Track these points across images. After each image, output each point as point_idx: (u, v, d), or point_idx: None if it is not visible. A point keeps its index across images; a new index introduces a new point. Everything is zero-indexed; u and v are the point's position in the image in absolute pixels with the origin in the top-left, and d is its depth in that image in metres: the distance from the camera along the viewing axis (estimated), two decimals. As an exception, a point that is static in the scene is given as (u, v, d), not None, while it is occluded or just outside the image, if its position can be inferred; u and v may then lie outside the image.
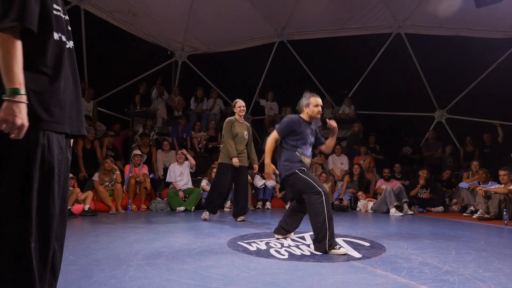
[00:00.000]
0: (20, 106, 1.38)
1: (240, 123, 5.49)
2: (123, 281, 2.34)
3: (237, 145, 5.36)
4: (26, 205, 1.45)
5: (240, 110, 5.49)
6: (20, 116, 1.38)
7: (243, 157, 5.40)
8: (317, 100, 3.70)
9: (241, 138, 5.40)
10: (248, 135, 5.55)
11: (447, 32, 9.48)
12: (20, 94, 1.39)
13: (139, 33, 9.88)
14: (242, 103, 5.56)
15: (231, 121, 5.45)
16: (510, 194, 6.03)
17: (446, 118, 10.11)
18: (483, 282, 2.37)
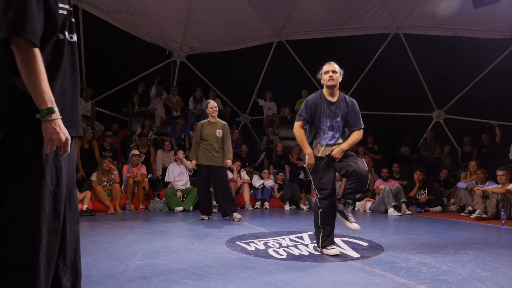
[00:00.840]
0: (58, 123, 1.41)
1: (212, 123, 5.58)
2: (121, 281, 2.34)
3: (209, 146, 5.46)
4: (37, 209, 1.45)
5: (212, 111, 5.59)
6: (62, 132, 1.42)
7: (217, 157, 5.47)
8: (327, 66, 3.30)
9: (213, 138, 5.48)
10: (223, 133, 5.59)
11: (445, 32, 9.51)
12: (54, 112, 1.40)
13: (137, 33, 9.87)
14: (214, 104, 5.68)
15: (202, 124, 5.63)
16: (508, 194, 6.05)
17: (444, 118, 10.14)
18: (481, 282, 2.37)
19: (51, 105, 1.39)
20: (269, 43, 10.63)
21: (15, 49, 1.36)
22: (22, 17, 1.34)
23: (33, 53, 1.36)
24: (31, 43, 1.37)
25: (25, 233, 1.43)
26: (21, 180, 1.45)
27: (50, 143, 1.40)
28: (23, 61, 1.35)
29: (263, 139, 10.03)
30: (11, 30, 1.34)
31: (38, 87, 1.36)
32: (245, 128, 11.13)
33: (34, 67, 1.36)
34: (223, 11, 9.36)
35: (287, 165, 8.69)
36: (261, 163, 9.05)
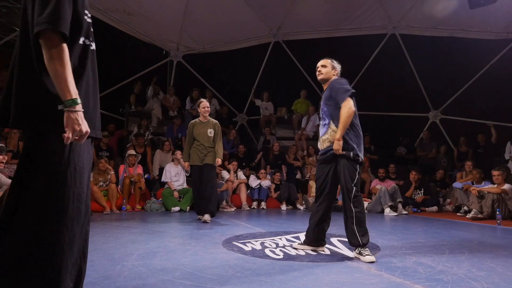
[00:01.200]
0: (81, 115, 1.46)
1: (203, 123, 5.54)
2: (117, 281, 2.33)
3: (200, 145, 5.42)
4: (62, 208, 1.50)
5: (204, 111, 5.54)
6: (83, 124, 1.46)
7: (207, 156, 5.40)
8: (319, 62, 3.39)
9: (204, 137, 5.44)
10: (214, 132, 5.53)
11: (441, 33, 9.55)
12: (78, 104, 1.45)
13: (134, 33, 9.85)
14: (207, 103, 5.63)
15: (192, 123, 5.59)
16: (503, 194, 6.09)
17: (440, 118, 10.18)
18: (476, 282, 2.38)
19: (75, 96, 1.44)
20: (266, 43, 10.63)
21: (45, 42, 1.41)
22: (58, 13, 1.43)
23: (63, 46, 1.43)
24: (62, 37, 1.43)
25: (51, 233, 1.48)
26: (45, 180, 1.49)
27: (71, 133, 1.43)
28: (52, 54, 1.41)
29: (260, 139, 10.03)
30: (48, 24, 1.40)
31: (64, 78, 1.41)
32: (242, 128, 11.13)
33: (62, 59, 1.42)
34: (220, 11, 9.35)
35: (284, 165, 8.70)
36: (258, 163, 9.05)
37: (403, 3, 9.13)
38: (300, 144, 9.53)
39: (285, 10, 9.60)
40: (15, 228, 1.45)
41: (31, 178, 1.49)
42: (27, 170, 1.50)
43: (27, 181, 1.49)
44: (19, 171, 1.53)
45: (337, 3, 9.21)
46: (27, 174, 1.50)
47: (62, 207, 1.50)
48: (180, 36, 10.27)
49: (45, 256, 1.46)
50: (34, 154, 1.51)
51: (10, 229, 1.45)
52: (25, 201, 1.47)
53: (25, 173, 1.50)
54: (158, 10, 9.29)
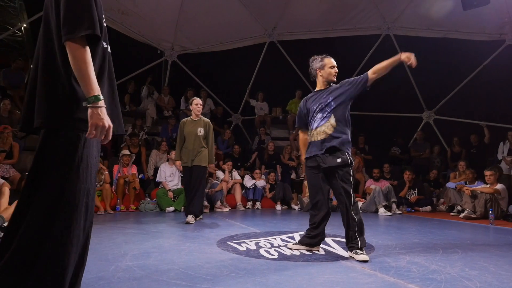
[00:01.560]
0: (104, 111, 1.54)
1: (194, 121, 5.37)
2: (112, 282, 2.32)
3: (190, 145, 5.27)
4: (74, 203, 1.57)
5: (197, 109, 5.38)
6: (106, 119, 1.54)
7: (198, 156, 5.23)
8: (332, 61, 3.39)
9: (193, 136, 5.27)
10: (205, 131, 5.36)
11: (435, 34, 9.61)
12: (101, 100, 1.53)
13: (128, 32, 9.80)
14: (200, 101, 5.46)
15: (183, 122, 5.43)
16: (496, 193, 6.14)
17: (434, 119, 10.25)
18: (469, 281, 2.40)
19: (98, 93, 1.52)
20: (261, 43, 10.63)
21: (73, 45, 1.50)
22: (93, 17, 1.56)
23: (87, 48, 1.54)
24: (87, 40, 1.54)
25: (62, 227, 1.54)
26: (61, 175, 1.55)
27: (94, 128, 1.51)
28: (78, 55, 1.50)
29: (255, 139, 10.04)
30: (87, 29, 1.52)
31: (88, 76, 1.50)
32: (237, 128, 11.13)
33: (87, 59, 1.51)
34: (215, 11, 9.34)
35: (278, 165, 8.70)
36: (253, 163, 9.05)
37: (398, 4, 9.19)
38: (295, 144, 9.54)
39: (280, 10, 9.62)
40: (29, 221, 1.51)
41: (47, 173, 1.55)
42: (43, 166, 1.56)
43: (42, 177, 1.55)
44: (35, 167, 1.57)
45: (332, 4, 9.25)
46: (43, 169, 1.56)
47: (74, 202, 1.56)
48: (175, 35, 10.25)
49: (55, 249, 1.53)
50: (51, 150, 1.57)
51: (25, 222, 1.51)
52: (40, 195, 1.53)
53: (41, 168, 1.56)
54: (153, 10, 9.26)
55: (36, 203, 1.53)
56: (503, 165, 7.61)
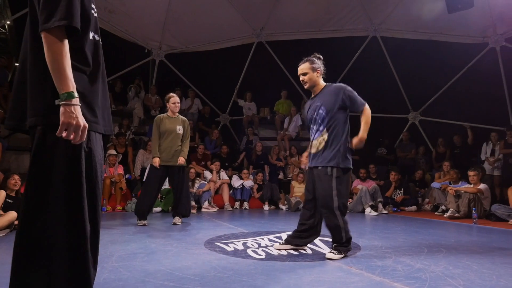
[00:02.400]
0: (77, 109, 1.43)
1: (172, 119, 5.18)
2: (97, 283, 2.29)
3: (168, 143, 5.05)
4: (81, 203, 1.50)
5: (174, 107, 5.18)
6: (80, 118, 1.43)
7: (176, 156, 5.06)
8: (299, 69, 3.34)
9: (172, 134, 5.08)
10: (183, 130, 5.20)
11: (421, 36, 9.75)
12: (75, 97, 1.42)
13: (115, 31, 9.69)
14: (177, 98, 5.26)
15: (160, 118, 5.18)
16: (479, 193, 6.27)
17: (419, 120, 10.40)
18: (453, 279, 2.45)
19: (72, 89, 1.42)
20: (249, 43, 10.63)
21: (47, 35, 1.40)
22: (69, 7, 1.43)
23: (65, 41, 1.43)
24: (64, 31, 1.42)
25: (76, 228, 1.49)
26: (61, 175, 1.47)
27: (66, 127, 1.40)
28: (53, 47, 1.40)
29: (243, 139, 10.03)
30: (61, 20, 1.40)
31: (63, 71, 1.40)
32: (225, 128, 11.11)
33: (63, 52, 1.41)
34: (203, 10, 9.30)
35: (266, 166, 8.72)
36: (241, 163, 9.05)
37: (384, 6, 9.29)
38: (283, 144, 9.58)
39: (269, 11, 9.63)
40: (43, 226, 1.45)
41: (51, 175, 1.47)
42: (45, 167, 1.47)
43: (47, 179, 1.47)
44: (36, 169, 1.48)
45: (319, 5, 9.30)
46: (46, 170, 1.47)
47: (82, 202, 1.50)
48: (162, 35, 10.17)
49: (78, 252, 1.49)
50: (51, 149, 1.48)
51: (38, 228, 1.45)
52: (50, 199, 1.46)
53: (43, 170, 1.47)
54: (140, 8, 9.17)
55: (47, 205, 1.46)
56: (486, 165, 7.76)
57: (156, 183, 5.08)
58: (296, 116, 9.98)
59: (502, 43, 9.15)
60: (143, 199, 5.03)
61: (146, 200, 5.01)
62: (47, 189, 1.47)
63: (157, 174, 5.03)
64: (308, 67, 3.27)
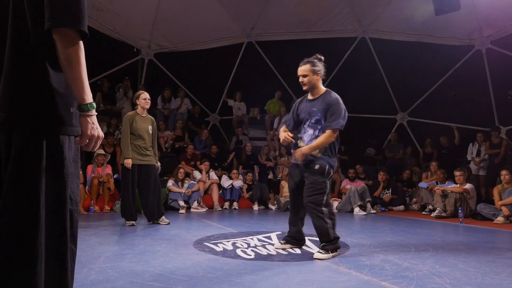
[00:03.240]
0: (95, 119, 1.40)
1: (142, 117, 5.06)
2: (84, 285, 2.27)
3: (141, 142, 4.95)
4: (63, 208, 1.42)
5: (145, 103, 5.05)
6: (99, 129, 1.42)
7: (149, 155, 5.01)
8: (298, 70, 3.34)
9: (145, 134, 4.98)
10: (153, 130, 5.12)
11: (409, 38, 9.86)
12: (95, 108, 1.39)
13: (103, 29, 9.57)
14: (147, 95, 5.11)
15: (132, 116, 5.00)
16: (465, 193, 6.37)
17: (407, 120, 10.52)
18: (440, 277, 2.48)
19: (92, 100, 1.37)
20: (239, 43, 10.62)
21: (62, 40, 1.28)
22: (80, 9, 1.31)
23: (81, 45, 1.32)
24: (80, 35, 1.32)
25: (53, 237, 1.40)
26: (46, 183, 1.37)
27: (88, 139, 1.38)
28: (71, 53, 1.30)
29: (232, 139, 10.01)
30: (74, 23, 1.29)
31: (83, 80, 1.33)
32: (214, 128, 11.07)
33: (81, 60, 1.31)
34: (193, 10, 9.25)
35: (256, 165, 8.72)
36: (230, 163, 9.03)
37: (373, 8, 9.37)
38: (273, 144, 9.59)
39: (258, 11, 9.63)
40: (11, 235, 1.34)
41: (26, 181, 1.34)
42: (18, 172, 1.33)
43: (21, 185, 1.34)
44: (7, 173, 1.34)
45: (309, 6, 9.33)
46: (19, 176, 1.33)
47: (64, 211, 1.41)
48: (151, 34, 10.08)
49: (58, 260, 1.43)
50: (25, 153, 1.33)
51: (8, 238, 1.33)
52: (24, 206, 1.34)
53: (16, 175, 1.33)
54: (129, 7, 9.08)
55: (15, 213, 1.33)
56: (472, 165, 7.90)
57: (134, 183, 4.99)
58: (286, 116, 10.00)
59: (488, 45, 9.32)
60: (127, 201, 4.94)
61: (129, 201, 4.93)
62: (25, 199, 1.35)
63: (132, 174, 4.92)
64: (309, 69, 3.25)
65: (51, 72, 1.35)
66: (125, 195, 5.00)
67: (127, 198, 4.94)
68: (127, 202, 4.94)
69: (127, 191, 4.96)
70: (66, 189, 1.42)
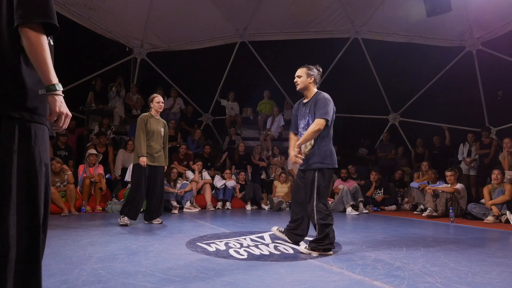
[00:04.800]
0: (62, 99, 1.53)
1: (156, 119, 5.16)
2: (76, 286, 2.25)
3: (154, 143, 5.05)
4: (36, 200, 1.47)
5: (158, 107, 5.14)
6: (67, 108, 1.54)
7: (160, 156, 5.12)
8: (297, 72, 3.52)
9: (157, 136, 5.09)
10: (165, 132, 5.23)
11: (401, 39, 9.95)
12: (61, 89, 1.52)
13: (95, 28, 9.50)
14: (160, 98, 5.20)
15: (146, 117, 5.09)
16: (456, 193, 6.44)
17: (399, 121, 10.60)
18: (431, 276, 2.51)
19: (57, 81, 1.50)
20: (232, 43, 10.61)
21: (30, 32, 1.44)
22: (48, 4, 1.48)
23: (45, 36, 1.48)
24: (44, 28, 1.47)
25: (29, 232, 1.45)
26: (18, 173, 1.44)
27: (58, 116, 1.49)
28: (37, 43, 1.45)
29: (225, 139, 10.00)
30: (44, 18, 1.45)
31: (49, 65, 1.47)
32: (207, 128, 11.05)
33: (45, 46, 1.47)
34: (186, 9, 9.23)
35: (249, 165, 8.72)
36: (223, 163, 9.02)
37: (366, 9, 9.43)
38: (266, 144, 9.60)
39: (252, 11, 9.64)
40: None
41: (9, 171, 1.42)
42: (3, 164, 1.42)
43: None
44: None
45: (302, 6, 9.37)
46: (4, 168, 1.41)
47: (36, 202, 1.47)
48: (144, 33, 10.04)
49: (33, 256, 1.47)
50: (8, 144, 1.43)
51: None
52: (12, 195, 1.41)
53: None
54: (121, 6, 9.03)
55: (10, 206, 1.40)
56: (463, 165, 7.98)
57: (146, 182, 5.03)
58: (279, 116, 10.01)
59: (478, 46, 9.44)
60: (138, 200, 4.95)
61: (138, 200, 4.95)
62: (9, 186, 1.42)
63: (144, 173, 4.97)
64: (304, 72, 3.47)
65: (24, 67, 1.48)
66: (134, 193, 5.00)
67: (136, 196, 4.96)
68: (135, 200, 4.94)
69: (137, 189, 4.99)
70: (37, 173, 1.49)
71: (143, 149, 4.94)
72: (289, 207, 7.62)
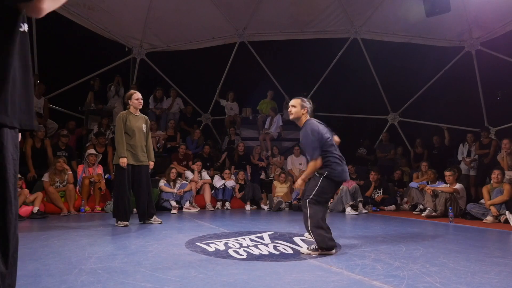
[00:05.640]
0: None
1: (135, 116, 5.04)
2: (75, 286, 2.25)
3: (136, 141, 4.95)
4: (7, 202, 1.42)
5: (137, 103, 5.04)
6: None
7: (143, 155, 5.02)
8: (291, 101, 3.69)
9: (139, 133, 4.98)
10: (147, 128, 5.12)
11: (400, 39, 9.96)
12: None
13: (95, 28, 9.49)
14: (139, 95, 5.09)
15: (124, 116, 4.97)
16: (455, 193, 6.44)
17: (398, 121, 10.60)
18: (430, 276, 2.51)
19: None
20: (232, 43, 10.61)
21: None
22: None
23: None
24: None
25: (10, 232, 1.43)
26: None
27: None
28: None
29: (225, 139, 10.00)
30: None
31: None
32: (207, 128, 11.05)
33: None
34: (186, 9, 9.22)
35: (248, 165, 8.72)
36: (223, 163, 9.02)
37: (365, 9, 9.44)
38: (265, 144, 9.60)
39: (251, 11, 9.64)
40: None
41: None
42: None
43: None
44: None
45: (301, 6, 9.37)
46: None
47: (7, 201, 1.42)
48: (143, 33, 10.03)
49: None
50: None
51: None
52: None
53: None
54: (120, 6, 9.02)
55: None
56: (462, 165, 7.98)
57: (129, 182, 4.97)
58: (277, 117, 10.00)
59: (478, 47, 9.45)
60: (121, 200, 4.89)
61: (123, 201, 4.88)
62: None
63: (127, 174, 4.91)
64: (299, 103, 3.61)
65: None
66: (118, 194, 4.96)
67: (120, 197, 4.90)
68: (120, 202, 4.89)
69: (120, 190, 4.93)
70: (6, 169, 1.42)
71: (123, 149, 4.86)
72: (288, 207, 7.63)
